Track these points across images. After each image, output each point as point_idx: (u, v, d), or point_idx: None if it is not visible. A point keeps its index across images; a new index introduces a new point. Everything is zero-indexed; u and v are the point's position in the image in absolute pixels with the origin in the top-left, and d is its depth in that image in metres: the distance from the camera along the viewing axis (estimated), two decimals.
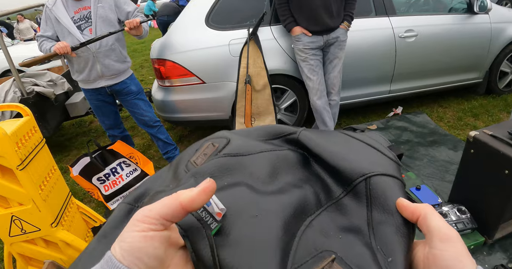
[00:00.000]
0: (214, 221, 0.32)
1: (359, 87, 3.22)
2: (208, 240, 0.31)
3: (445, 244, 0.32)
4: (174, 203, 0.30)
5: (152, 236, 0.29)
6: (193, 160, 0.44)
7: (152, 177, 0.51)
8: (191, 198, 0.30)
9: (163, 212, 0.30)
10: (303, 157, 0.43)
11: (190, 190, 0.31)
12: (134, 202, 0.45)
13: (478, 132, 1.74)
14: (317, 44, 2.64)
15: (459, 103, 3.68)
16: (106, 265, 0.27)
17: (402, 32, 3.09)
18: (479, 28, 3.34)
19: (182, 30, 2.89)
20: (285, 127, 0.46)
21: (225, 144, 0.43)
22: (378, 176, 0.37)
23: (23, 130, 1.69)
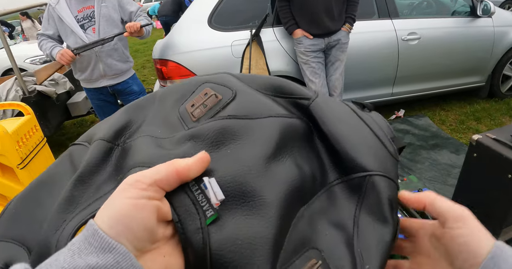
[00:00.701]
0: (211, 209, 0.29)
1: (361, 90, 3.21)
2: (202, 232, 0.28)
3: (460, 223, 0.33)
4: (169, 170, 0.28)
5: (144, 204, 0.26)
6: (189, 108, 0.38)
7: (131, 105, 0.44)
8: (188, 166, 0.29)
9: (157, 178, 0.28)
10: (308, 129, 0.39)
11: (187, 159, 0.29)
12: (114, 139, 0.39)
13: (481, 136, 1.73)
14: (319, 46, 2.64)
15: (462, 106, 3.67)
16: (92, 238, 0.24)
17: (405, 35, 3.08)
18: (482, 32, 3.33)
19: (184, 30, 2.89)
20: (296, 87, 0.40)
21: (230, 99, 0.37)
22: (379, 177, 0.35)
23: (24, 129, 1.68)
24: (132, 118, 0.41)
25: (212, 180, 0.30)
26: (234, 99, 0.37)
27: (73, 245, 0.24)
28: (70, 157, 0.41)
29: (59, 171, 0.40)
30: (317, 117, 0.38)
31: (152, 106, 0.43)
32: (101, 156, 0.37)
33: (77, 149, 0.42)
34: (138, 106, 0.43)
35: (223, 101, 0.37)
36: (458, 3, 3.54)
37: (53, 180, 0.39)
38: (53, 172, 0.41)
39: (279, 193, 0.31)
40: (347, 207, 0.34)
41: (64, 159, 0.42)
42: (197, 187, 0.30)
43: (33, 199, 0.39)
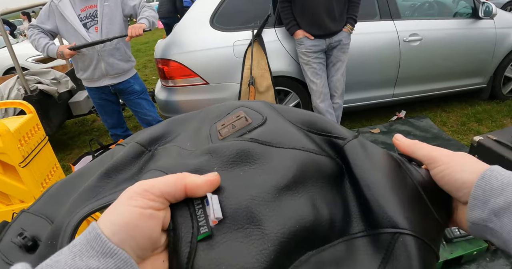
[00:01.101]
0: (206, 226, 0.29)
1: (363, 90, 3.21)
2: (190, 246, 0.28)
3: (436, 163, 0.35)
4: (178, 184, 0.28)
5: (150, 214, 0.26)
6: (219, 126, 0.39)
7: (177, 118, 0.46)
8: (197, 185, 0.29)
9: (166, 190, 0.28)
10: (339, 171, 0.36)
11: (197, 177, 0.30)
12: (148, 145, 0.41)
13: (482, 137, 1.73)
14: (320, 47, 2.64)
15: (463, 108, 3.67)
16: (94, 241, 0.24)
17: (407, 36, 3.08)
18: (484, 33, 3.33)
19: (186, 30, 2.89)
20: (333, 126, 0.39)
21: (259, 124, 0.37)
22: (413, 238, 0.31)
23: (26, 127, 1.69)
24: (171, 129, 0.44)
25: (215, 197, 0.29)
26: (263, 125, 0.37)
27: (74, 247, 0.24)
28: (112, 155, 0.43)
29: (98, 165, 0.42)
30: (350, 158, 0.36)
31: (192, 121, 0.44)
32: (130, 157, 0.39)
33: (119, 148, 0.44)
34: (182, 119, 0.46)
35: (252, 125, 0.37)
36: (460, 5, 3.54)
37: (91, 172, 0.41)
38: (93, 165, 0.44)
39: (282, 227, 0.29)
40: (368, 264, 0.30)
41: (106, 155, 0.45)
42: (200, 201, 0.30)
43: (71, 185, 0.41)
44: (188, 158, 0.36)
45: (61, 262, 0.23)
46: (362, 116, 3.64)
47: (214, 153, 0.34)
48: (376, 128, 3.35)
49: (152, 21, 2.37)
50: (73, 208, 0.35)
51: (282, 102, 3.08)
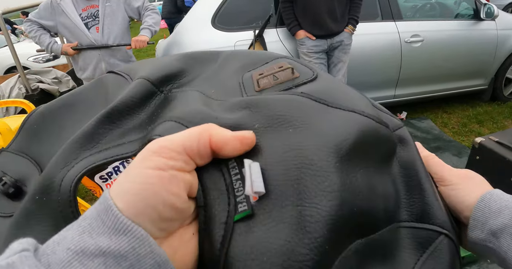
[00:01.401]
0: (246, 203, 0.23)
1: (364, 91, 3.18)
2: (225, 228, 0.23)
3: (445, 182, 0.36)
4: (203, 137, 0.23)
5: (171, 177, 0.21)
6: (256, 76, 0.32)
7: (189, 55, 0.38)
8: (224, 139, 0.23)
9: (187, 144, 0.22)
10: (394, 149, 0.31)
11: (224, 129, 0.24)
12: (160, 84, 0.33)
13: (483, 139, 1.72)
14: (321, 48, 2.64)
15: (464, 109, 3.67)
16: (105, 214, 0.20)
17: (408, 37, 3.08)
18: (485, 35, 3.33)
19: (188, 30, 2.89)
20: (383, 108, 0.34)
21: (309, 80, 0.30)
22: (453, 242, 0.30)
23: None
24: (187, 68, 0.36)
25: (255, 165, 0.23)
26: (314, 81, 0.30)
27: (84, 221, 0.20)
28: (105, 86, 0.36)
29: (90, 98, 0.36)
30: (407, 139, 0.32)
31: (212, 63, 0.37)
32: (139, 98, 0.31)
33: (116, 80, 0.37)
34: (197, 58, 0.38)
35: (300, 79, 0.30)
36: (461, 6, 3.54)
37: (82, 105, 0.36)
38: (84, 97, 0.36)
39: (340, 209, 0.23)
40: (406, 257, 0.28)
41: (98, 85, 0.37)
42: (238, 170, 0.24)
43: (56, 119, 0.36)
44: (218, 110, 0.29)
45: (67, 238, 0.19)
46: None
47: (254, 108, 0.27)
48: None
49: (154, 30, 2.40)
50: (66, 158, 0.29)
51: None
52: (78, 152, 0.29)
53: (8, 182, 0.34)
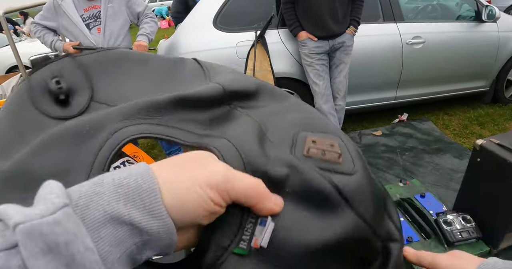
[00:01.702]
0: (246, 244, 0.27)
1: (365, 93, 3.21)
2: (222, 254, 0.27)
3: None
4: (252, 195, 0.27)
5: (211, 208, 0.25)
6: (310, 141, 0.34)
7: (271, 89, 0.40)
8: (268, 206, 0.27)
9: (243, 199, 0.26)
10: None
11: (274, 197, 0.28)
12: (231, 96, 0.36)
13: (485, 141, 1.72)
14: (323, 49, 2.64)
15: (465, 111, 3.66)
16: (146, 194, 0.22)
17: (410, 38, 3.08)
18: (487, 37, 3.33)
19: (189, 30, 2.89)
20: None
21: (346, 172, 0.33)
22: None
23: None
24: (260, 94, 0.39)
25: (272, 225, 0.28)
26: (349, 175, 0.33)
27: (121, 187, 0.22)
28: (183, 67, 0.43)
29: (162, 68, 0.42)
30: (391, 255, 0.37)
31: (280, 102, 0.40)
32: (209, 100, 0.35)
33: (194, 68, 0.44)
34: (271, 90, 0.40)
35: (341, 167, 0.33)
36: (463, 8, 3.54)
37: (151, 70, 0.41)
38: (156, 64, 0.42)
39: None
40: None
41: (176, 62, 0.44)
42: (255, 216, 0.28)
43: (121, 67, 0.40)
44: (268, 152, 0.32)
45: (104, 199, 0.21)
46: (364, 118, 3.64)
47: (294, 173, 0.31)
48: (378, 131, 3.35)
49: (151, 38, 2.43)
50: (125, 114, 0.31)
51: None
52: (138, 115, 0.32)
53: (63, 86, 0.36)
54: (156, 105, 0.32)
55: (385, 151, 3.00)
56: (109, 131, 0.30)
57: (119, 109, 0.32)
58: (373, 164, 2.80)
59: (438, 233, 1.77)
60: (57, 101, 0.36)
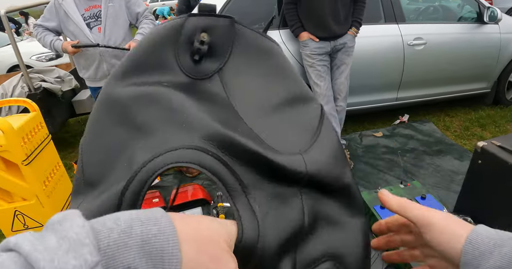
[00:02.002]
0: None
1: (366, 94, 3.21)
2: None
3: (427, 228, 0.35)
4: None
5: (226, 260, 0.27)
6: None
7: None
8: None
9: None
10: None
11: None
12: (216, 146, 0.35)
13: (486, 143, 1.72)
14: (325, 49, 2.64)
15: (466, 112, 3.66)
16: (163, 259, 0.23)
17: (411, 39, 3.08)
18: (489, 38, 3.32)
19: None
20: None
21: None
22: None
23: (29, 125, 1.69)
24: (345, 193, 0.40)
25: None
26: None
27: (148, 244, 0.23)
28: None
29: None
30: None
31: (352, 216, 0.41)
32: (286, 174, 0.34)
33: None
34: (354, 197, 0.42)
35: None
36: (464, 9, 3.53)
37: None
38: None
39: None
40: None
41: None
42: None
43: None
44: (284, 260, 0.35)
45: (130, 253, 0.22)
46: (365, 119, 3.64)
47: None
48: (379, 132, 3.34)
49: None
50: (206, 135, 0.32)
51: None
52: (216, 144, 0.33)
53: (204, 48, 0.38)
54: (238, 147, 0.32)
55: (386, 152, 2.99)
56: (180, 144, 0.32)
57: (206, 127, 0.33)
58: (374, 166, 2.79)
59: None
60: (191, 54, 0.38)
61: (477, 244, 0.31)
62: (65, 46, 2.29)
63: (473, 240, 0.32)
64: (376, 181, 2.60)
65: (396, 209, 0.39)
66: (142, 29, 2.43)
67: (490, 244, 0.31)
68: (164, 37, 0.39)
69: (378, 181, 2.59)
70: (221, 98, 0.38)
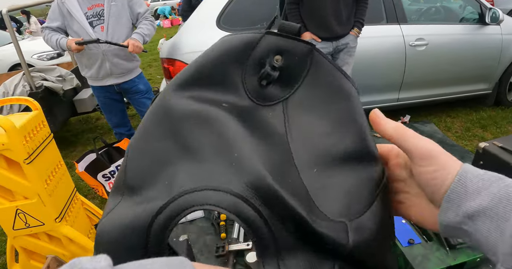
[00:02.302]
0: None
1: (368, 94, 3.21)
2: None
3: (427, 161, 0.32)
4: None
5: None
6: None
7: None
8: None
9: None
10: None
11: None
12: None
13: (487, 144, 1.72)
14: (327, 50, 2.64)
15: (468, 113, 3.66)
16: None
17: (413, 40, 3.08)
18: (490, 39, 3.32)
19: (192, 30, 2.90)
20: None
21: None
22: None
23: (31, 124, 1.69)
24: None
25: None
26: None
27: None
28: None
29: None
30: None
31: None
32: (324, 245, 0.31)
33: None
34: None
35: None
36: (466, 10, 3.53)
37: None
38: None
39: None
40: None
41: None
42: None
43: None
44: None
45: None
46: None
47: None
48: None
49: (146, 40, 2.43)
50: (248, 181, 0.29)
51: None
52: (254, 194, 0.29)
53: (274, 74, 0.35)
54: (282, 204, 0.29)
55: None
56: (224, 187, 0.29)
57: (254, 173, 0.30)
58: None
59: (440, 236, 1.76)
60: (259, 78, 0.36)
61: (465, 182, 0.29)
62: (69, 43, 2.30)
63: (462, 178, 0.30)
64: None
65: (391, 134, 0.35)
66: (140, 29, 2.43)
67: (478, 185, 0.29)
68: (235, 52, 0.36)
69: None
70: (279, 133, 0.34)
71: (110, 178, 2.56)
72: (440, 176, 0.31)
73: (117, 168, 2.57)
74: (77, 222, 1.96)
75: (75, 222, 1.94)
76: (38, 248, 1.84)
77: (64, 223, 1.82)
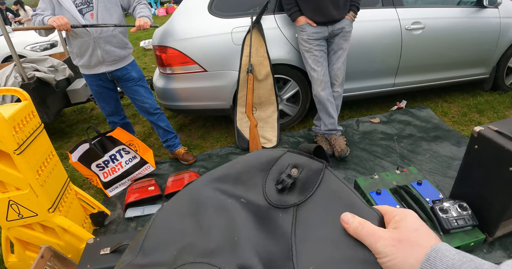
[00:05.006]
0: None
1: (363, 79, 3.18)
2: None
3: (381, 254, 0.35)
4: None
5: None
6: None
7: None
8: None
9: None
10: None
11: None
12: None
13: (483, 128, 1.70)
14: (322, 34, 2.59)
15: (465, 98, 3.63)
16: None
17: (409, 24, 3.03)
18: (488, 23, 3.27)
19: (184, 17, 2.84)
20: None
21: None
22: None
23: (21, 114, 1.67)
24: None
25: None
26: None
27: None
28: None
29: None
30: None
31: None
32: None
33: None
34: None
35: None
36: None
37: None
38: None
39: None
40: None
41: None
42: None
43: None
44: None
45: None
46: (362, 105, 3.61)
47: None
48: (376, 118, 3.32)
49: (152, 20, 2.35)
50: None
51: (281, 90, 3.05)
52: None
53: (288, 182, 0.43)
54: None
55: (383, 138, 2.98)
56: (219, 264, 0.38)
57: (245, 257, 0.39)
58: (370, 151, 2.78)
59: (434, 221, 1.77)
60: (276, 183, 0.44)
61: (434, 262, 0.30)
62: (50, 22, 2.18)
63: (432, 257, 0.31)
64: (373, 167, 2.59)
65: (352, 235, 0.38)
66: (143, 12, 2.36)
67: (448, 264, 0.30)
68: (262, 162, 0.46)
69: (375, 167, 2.59)
70: (284, 231, 0.41)
71: (104, 167, 2.54)
72: (400, 263, 0.33)
73: (110, 157, 2.55)
74: (71, 212, 1.96)
75: (69, 212, 1.94)
76: (33, 239, 1.84)
77: (57, 213, 1.81)
